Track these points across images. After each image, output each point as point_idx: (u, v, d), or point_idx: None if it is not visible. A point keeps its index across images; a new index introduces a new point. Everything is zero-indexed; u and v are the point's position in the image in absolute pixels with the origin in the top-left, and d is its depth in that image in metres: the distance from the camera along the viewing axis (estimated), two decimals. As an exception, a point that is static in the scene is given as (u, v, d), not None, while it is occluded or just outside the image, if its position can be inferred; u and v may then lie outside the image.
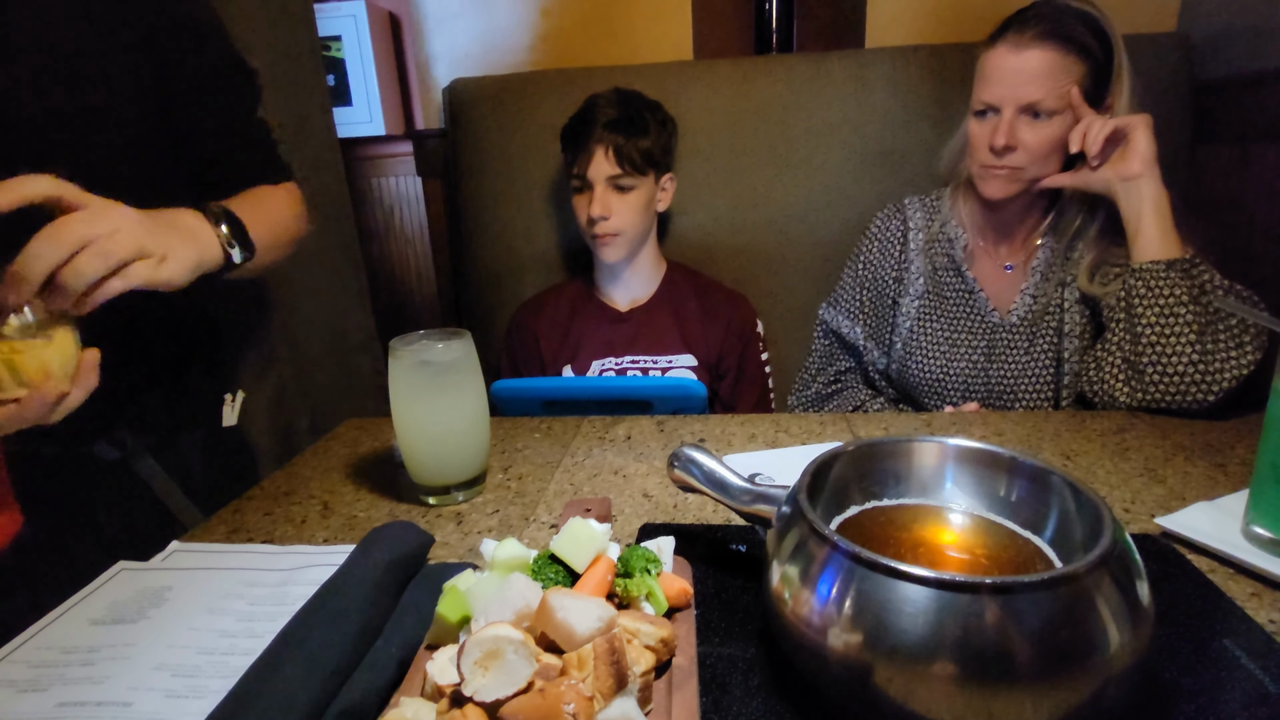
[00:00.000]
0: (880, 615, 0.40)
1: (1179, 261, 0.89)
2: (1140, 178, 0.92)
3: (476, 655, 0.39)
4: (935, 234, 1.14)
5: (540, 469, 0.82)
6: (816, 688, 0.45)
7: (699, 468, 0.59)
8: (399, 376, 0.72)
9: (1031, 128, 0.97)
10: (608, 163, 1.17)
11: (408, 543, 0.61)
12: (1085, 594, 0.38)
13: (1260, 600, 0.55)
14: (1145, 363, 0.89)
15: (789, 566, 0.46)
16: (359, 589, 0.54)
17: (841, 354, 1.23)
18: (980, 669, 0.38)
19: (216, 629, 0.57)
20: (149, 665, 0.53)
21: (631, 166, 1.17)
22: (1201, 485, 0.72)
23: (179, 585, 0.63)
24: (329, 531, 0.72)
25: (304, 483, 0.83)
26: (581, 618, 0.42)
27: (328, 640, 0.49)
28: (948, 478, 0.54)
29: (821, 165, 1.32)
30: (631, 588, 0.50)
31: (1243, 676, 0.46)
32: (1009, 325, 1.08)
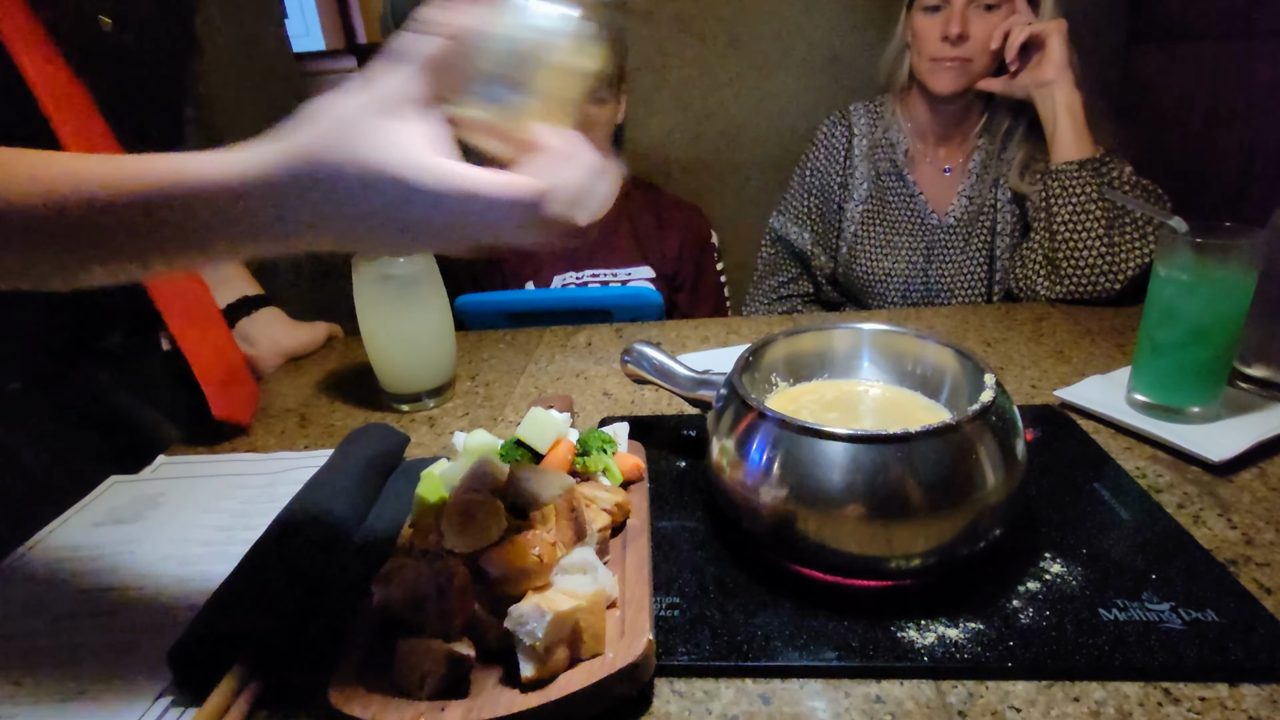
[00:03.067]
0: (802, 471, 0.47)
1: (1090, 161, 0.95)
2: (1054, 83, 0.97)
3: (454, 516, 0.45)
4: (878, 139, 1.18)
5: (506, 375, 0.88)
6: (751, 538, 0.52)
7: (649, 361, 0.65)
8: (364, 290, 0.75)
9: (981, 18, 1.01)
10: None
11: (385, 441, 0.67)
12: (967, 441, 0.46)
13: (1132, 452, 0.64)
14: (1060, 257, 0.97)
15: (726, 440, 0.52)
16: (345, 479, 0.60)
17: (789, 262, 1.29)
18: (883, 508, 0.45)
19: (212, 525, 0.63)
20: (155, 556, 0.59)
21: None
22: (1100, 363, 0.80)
23: (171, 491, 0.68)
24: (309, 439, 0.77)
25: (279, 397, 0.87)
26: (544, 486, 0.49)
27: (322, 521, 0.55)
28: (864, 358, 0.61)
29: (772, 74, 1.33)
30: (589, 464, 0.56)
31: (1103, 508, 0.55)
32: (946, 226, 1.14)
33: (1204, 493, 0.57)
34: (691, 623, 0.47)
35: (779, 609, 0.48)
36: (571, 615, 0.41)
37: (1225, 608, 0.45)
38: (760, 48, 1.33)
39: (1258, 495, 0.56)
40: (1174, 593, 0.47)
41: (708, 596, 0.49)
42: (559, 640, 0.41)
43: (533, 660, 0.41)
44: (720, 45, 1.33)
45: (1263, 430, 0.61)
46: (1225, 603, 0.46)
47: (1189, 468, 0.61)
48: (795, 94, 1.34)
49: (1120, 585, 0.48)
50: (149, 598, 0.54)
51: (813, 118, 1.28)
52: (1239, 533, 0.53)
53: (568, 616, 0.41)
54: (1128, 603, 0.46)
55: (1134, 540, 0.52)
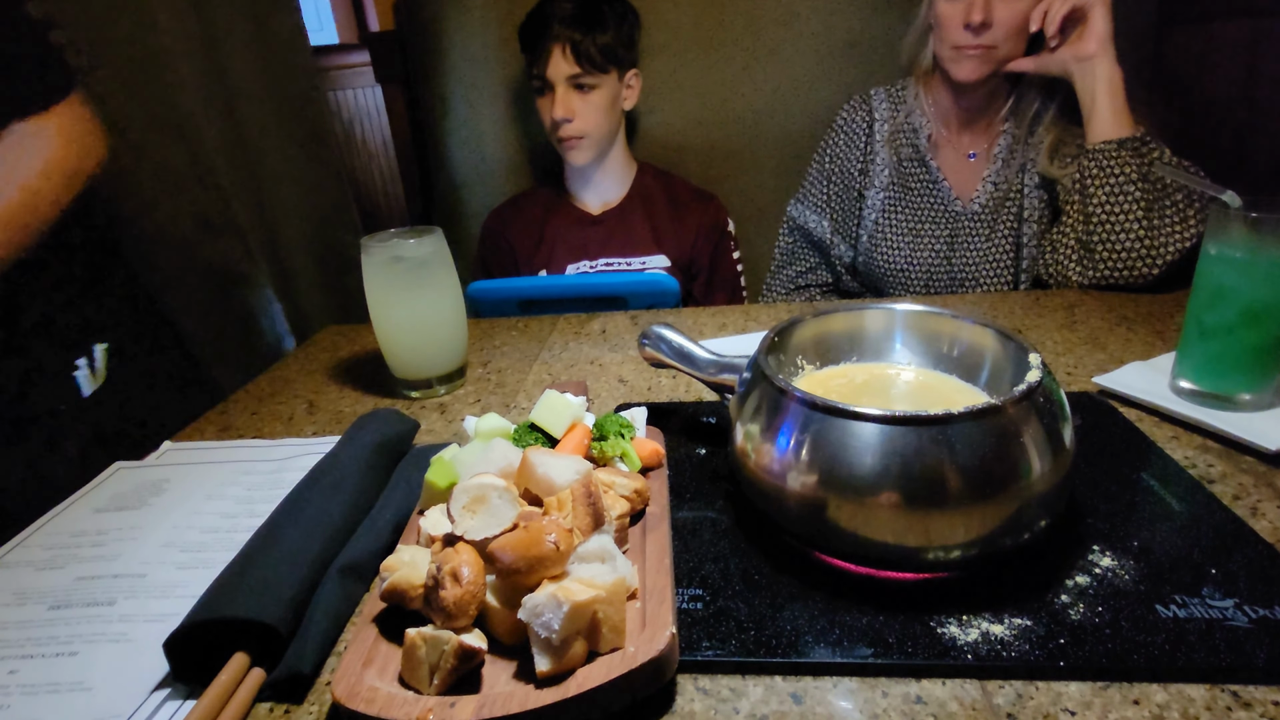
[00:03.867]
0: (833, 454, 0.44)
1: (1130, 140, 0.91)
2: (1095, 57, 0.93)
3: (464, 500, 0.43)
4: (900, 124, 1.14)
5: (519, 363, 0.85)
6: (777, 527, 0.49)
7: (668, 344, 0.62)
8: (373, 273, 0.73)
9: (1005, 3, 0.97)
10: (566, 61, 1.14)
11: (394, 426, 0.64)
12: (1010, 425, 0.43)
13: (1179, 441, 0.60)
14: (1095, 241, 0.93)
15: (751, 425, 0.49)
16: (351, 464, 0.57)
17: (808, 251, 1.25)
18: (920, 495, 0.42)
19: (217, 511, 0.61)
20: (157, 543, 0.57)
21: (591, 64, 1.14)
22: (1139, 350, 0.77)
23: (176, 478, 0.66)
24: (316, 426, 0.74)
25: (287, 384, 0.85)
26: (560, 471, 0.46)
27: (326, 508, 0.52)
28: (897, 340, 0.58)
29: (789, 58, 1.30)
30: (607, 449, 0.53)
31: (1152, 499, 0.52)
32: (971, 213, 1.10)
33: (1261, 483, 0.54)
34: (716, 616, 0.44)
35: (809, 602, 0.45)
36: (589, 606, 0.38)
37: (1294, 604, 0.42)
38: (777, 32, 1.30)
39: (1319, 486, 0.53)
40: (1237, 588, 0.43)
41: (732, 588, 0.47)
42: (576, 633, 0.38)
43: (548, 654, 0.38)
44: (737, 30, 1.30)
45: (1321, 418, 0.58)
46: (1294, 599, 0.42)
47: (1242, 458, 0.57)
48: (813, 79, 1.31)
49: (1177, 580, 0.44)
50: (150, 586, 0.52)
51: (831, 103, 1.25)
52: (1301, 525, 0.49)
53: (585, 607, 0.38)
54: (1187, 599, 0.43)
55: (1189, 533, 0.49)
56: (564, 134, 1.17)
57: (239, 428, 0.76)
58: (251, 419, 0.77)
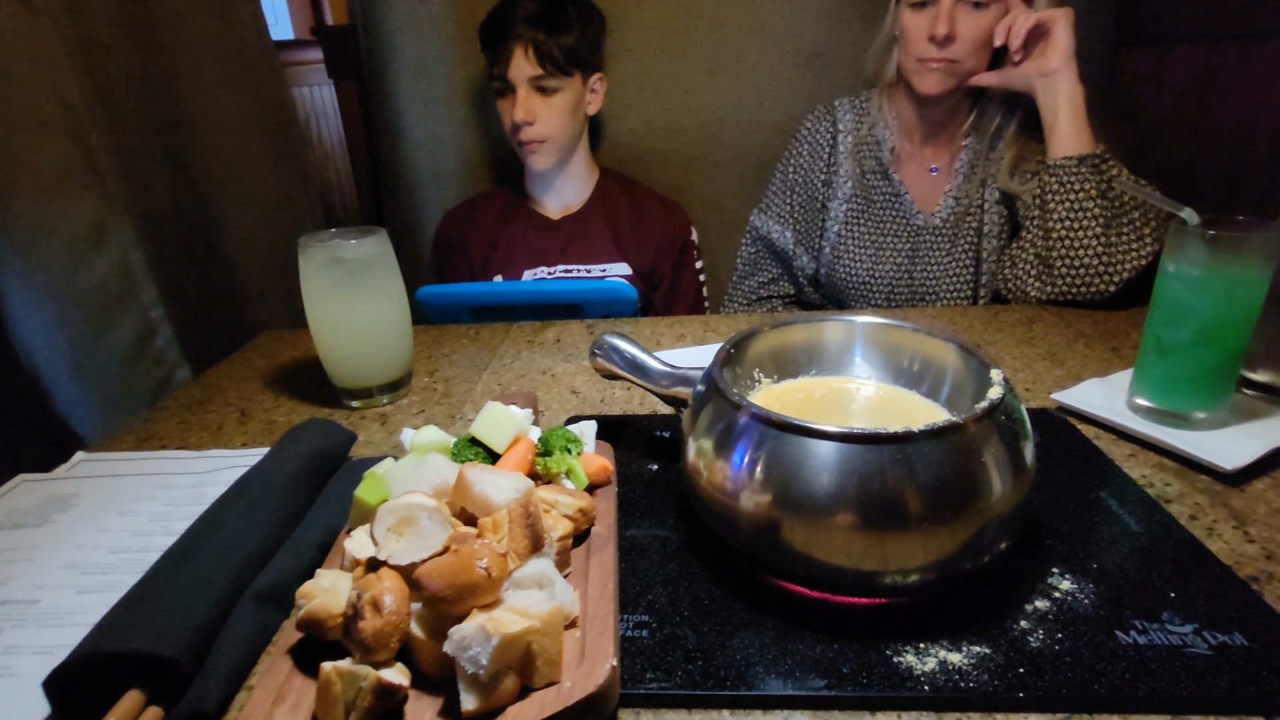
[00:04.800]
0: (788, 473, 0.42)
1: (1090, 157, 0.92)
2: (1058, 73, 0.93)
3: (390, 521, 0.39)
4: (864, 136, 1.14)
5: (467, 372, 0.81)
6: (729, 548, 0.47)
7: (620, 354, 0.60)
8: (311, 275, 0.69)
9: (970, 17, 0.97)
10: (528, 63, 1.10)
11: (328, 439, 0.60)
12: (972, 443, 0.41)
13: (1136, 459, 0.59)
14: (1055, 256, 0.93)
15: (704, 440, 0.47)
16: (276, 480, 0.53)
17: (770, 261, 1.24)
18: (878, 516, 0.40)
19: (129, 529, 0.56)
20: (57, 565, 0.52)
21: (554, 66, 1.11)
22: (1096, 366, 0.76)
23: (86, 492, 0.61)
24: (247, 436, 0.70)
25: (220, 392, 0.80)
26: (498, 490, 0.43)
27: (243, 527, 0.48)
28: (856, 353, 0.56)
29: (754, 67, 1.29)
30: (551, 465, 0.50)
31: (1112, 519, 0.51)
32: (932, 227, 1.10)
33: (1216, 503, 0.53)
34: (662, 645, 0.42)
35: (761, 630, 0.42)
36: (522, 638, 0.35)
37: (1254, 630, 0.41)
38: (743, 40, 1.29)
39: (1274, 506, 0.52)
40: (1196, 613, 0.42)
41: (681, 614, 0.44)
42: (507, 667, 0.35)
43: (475, 691, 0.35)
44: (702, 36, 1.29)
45: (1274, 438, 0.58)
46: (1253, 624, 0.41)
47: (1198, 476, 0.56)
48: (778, 88, 1.30)
49: (1137, 605, 0.43)
50: (42, 613, 0.47)
51: (796, 113, 1.24)
52: (1258, 547, 0.48)
53: (517, 640, 0.35)
54: (1147, 624, 0.41)
55: (1148, 555, 0.47)
56: (524, 137, 1.14)
57: (162, 437, 0.70)
58: (178, 428, 0.72)
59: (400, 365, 0.74)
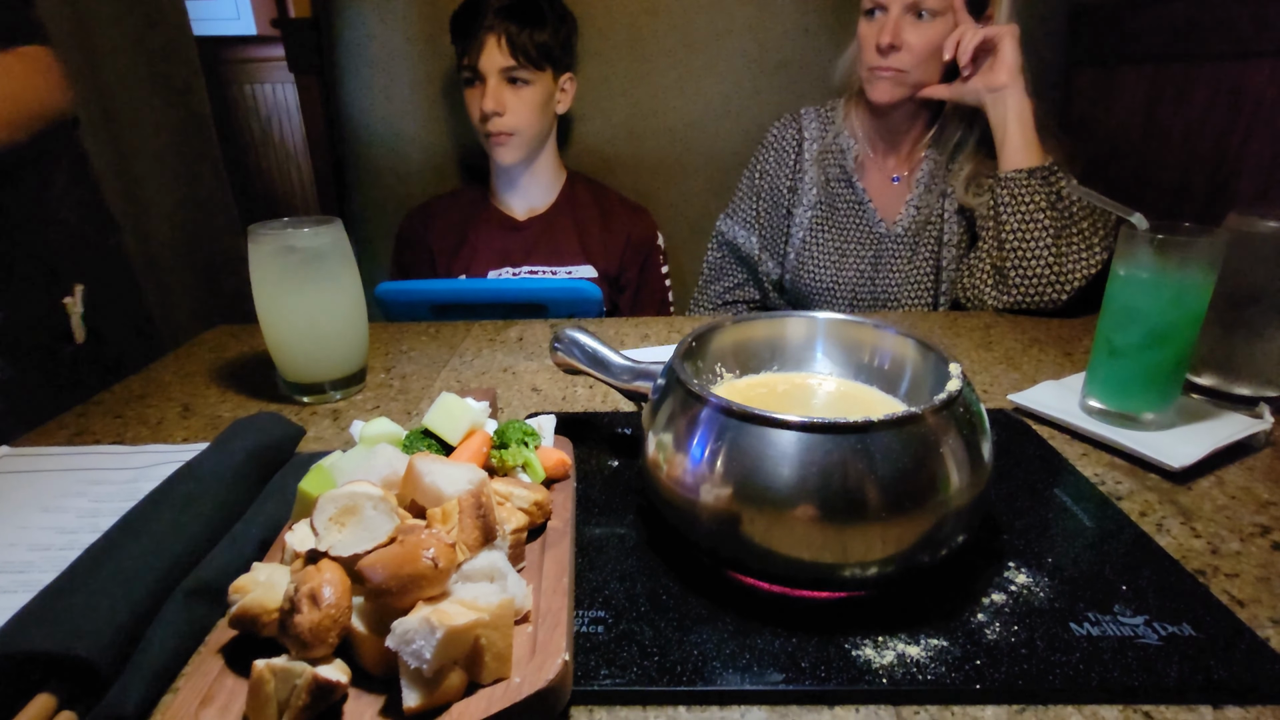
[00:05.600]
0: (749, 465, 0.41)
1: (1039, 169, 0.94)
2: (1006, 88, 0.96)
3: (331, 511, 0.38)
4: (829, 144, 1.15)
5: (426, 369, 0.79)
6: (689, 543, 0.46)
7: (581, 348, 0.58)
8: (261, 263, 0.66)
9: (916, 28, 0.99)
10: (500, 53, 1.10)
11: (273, 433, 0.58)
12: (930, 434, 0.41)
13: (1089, 459, 0.60)
14: (1009, 266, 0.95)
15: (664, 434, 0.46)
16: (215, 474, 0.50)
17: (736, 266, 1.24)
18: (838, 508, 0.40)
19: (53, 526, 0.52)
20: (-29, 563, 0.48)
21: (526, 58, 1.11)
22: (1050, 370, 0.78)
23: (8, 487, 0.57)
24: (189, 431, 0.67)
25: (162, 387, 0.76)
26: (450, 481, 0.41)
27: (176, 521, 0.45)
28: (818, 349, 0.56)
29: (722, 73, 1.30)
30: (507, 458, 0.49)
31: (1066, 515, 0.51)
32: (894, 235, 1.12)
33: (1164, 500, 0.54)
34: (617, 640, 0.40)
35: (719, 625, 0.42)
36: (469, 631, 0.34)
37: (1201, 621, 0.41)
38: (711, 47, 1.30)
39: (1218, 503, 0.54)
40: (1147, 605, 0.43)
41: (638, 610, 0.43)
42: (452, 661, 0.34)
43: (419, 686, 0.33)
44: (671, 43, 1.29)
45: (1218, 438, 0.59)
46: (1201, 616, 0.42)
47: (1147, 475, 0.58)
48: (745, 95, 1.31)
49: (1090, 597, 0.43)
50: (-49, 613, 0.44)
51: (762, 120, 1.25)
52: (1204, 541, 0.49)
53: (464, 633, 0.33)
54: (1100, 616, 0.42)
55: (1100, 549, 0.48)
56: (493, 128, 1.13)
57: (96, 432, 0.67)
58: (113, 423, 0.69)
59: (354, 360, 0.72)
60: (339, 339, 0.70)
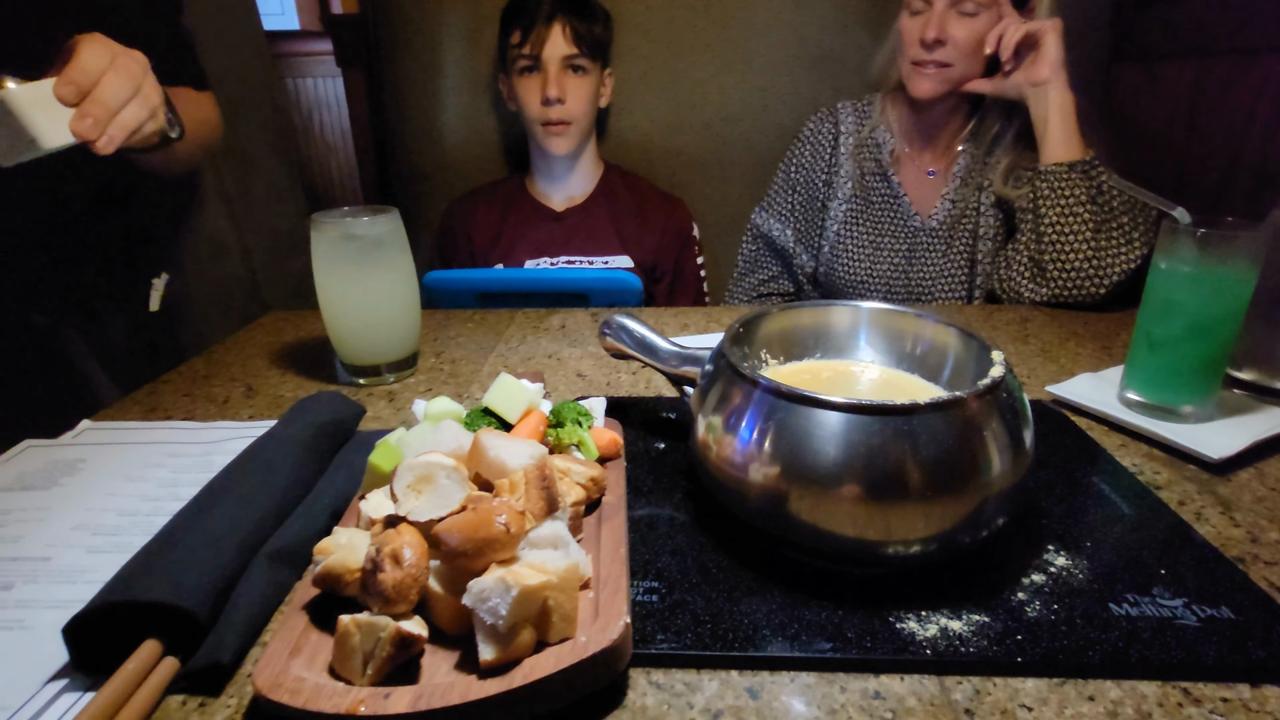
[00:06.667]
0: (797, 444, 0.43)
1: (1080, 163, 0.94)
2: (1048, 82, 0.96)
3: (409, 479, 0.40)
4: (864, 139, 1.16)
5: (474, 354, 0.82)
6: (737, 520, 0.48)
7: (629, 334, 0.61)
8: (323, 251, 0.70)
9: (960, 22, 0.99)
10: (565, 41, 1.13)
11: (337, 411, 0.61)
12: (973, 419, 0.42)
13: (1127, 449, 0.61)
14: (1047, 260, 0.96)
15: (714, 416, 0.48)
16: (287, 447, 0.54)
17: (770, 259, 1.26)
18: (881, 487, 0.42)
19: (138, 494, 0.56)
20: (66, 526, 0.52)
21: (588, 48, 1.15)
22: (1088, 363, 0.78)
23: (93, 458, 0.61)
24: (254, 409, 0.70)
25: (225, 367, 0.80)
26: (513, 455, 0.44)
27: (257, 489, 0.49)
28: (861, 337, 0.57)
29: (759, 67, 1.31)
30: (563, 436, 0.51)
31: (1104, 502, 0.53)
32: (929, 229, 1.12)
33: (1203, 490, 0.55)
34: (672, 608, 0.43)
35: (768, 596, 0.44)
36: (540, 592, 0.36)
37: (1240, 605, 0.42)
38: (748, 41, 1.31)
39: (1258, 494, 0.54)
40: (1186, 589, 0.44)
41: (689, 581, 0.45)
42: (524, 620, 0.36)
43: (494, 642, 0.36)
44: (708, 37, 1.31)
45: (1258, 431, 0.60)
46: (1239, 600, 0.43)
47: (1186, 466, 0.58)
48: (781, 90, 1.32)
49: (1129, 580, 0.45)
50: (54, 570, 0.48)
51: (798, 114, 1.26)
52: (1243, 530, 0.50)
53: (535, 593, 0.36)
54: (1138, 598, 0.43)
55: (1139, 535, 0.49)
56: (554, 116, 1.15)
57: (168, 409, 0.71)
58: (183, 400, 0.72)
59: (408, 344, 0.75)
60: (394, 324, 0.73)
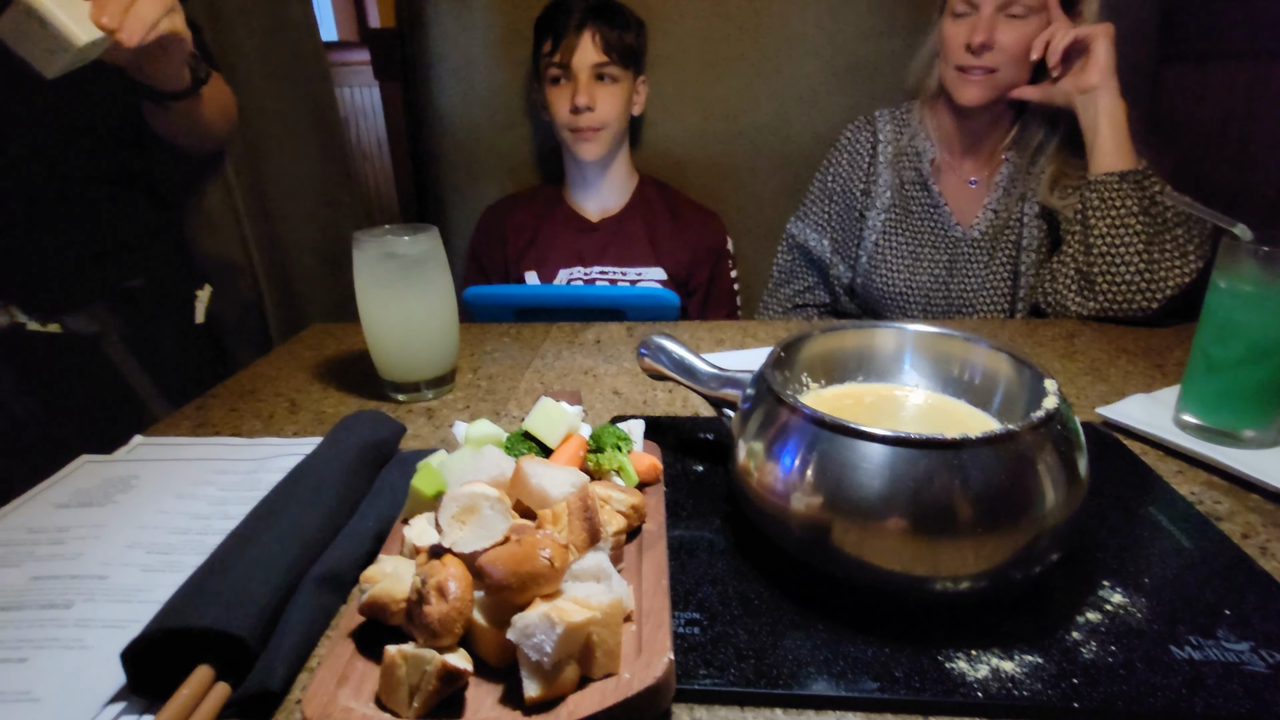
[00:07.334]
0: (840, 475, 0.42)
1: (1132, 173, 0.91)
2: (1098, 89, 0.93)
3: (454, 510, 0.41)
4: (904, 147, 1.14)
5: (510, 369, 0.83)
6: (778, 549, 0.47)
7: (668, 355, 0.61)
8: (365, 269, 0.71)
9: (1009, 26, 0.97)
10: (594, 50, 1.13)
11: (380, 430, 0.62)
12: (1027, 452, 0.41)
13: (1184, 476, 0.59)
14: (1096, 272, 0.93)
15: (755, 442, 0.47)
16: (333, 468, 0.54)
17: (806, 270, 1.24)
18: (929, 522, 0.41)
19: (188, 512, 0.57)
20: (122, 543, 0.53)
21: (618, 55, 1.15)
22: (1140, 382, 0.76)
23: (146, 474, 0.63)
24: (298, 426, 0.72)
25: (269, 381, 0.82)
26: (555, 483, 0.44)
27: (304, 513, 0.49)
28: (906, 361, 0.56)
29: (794, 76, 1.30)
30: (603, 462, 0.51)
31: (1162, 534, 0.51)
32: (970, 239, 1.10)
33: (1269, 522, 0.53)
34: (714, 642, 0.42)
35: (811, 630, 0.43)
36: (584, 628, 0.36)
37: (1312, 650, 0.40)
38: (783, 50, 1.29)
39: (1328, 528, 0.52)
40: (1252, 631, 0.42)
41: (731, 613, 0.44)
42: (569, 656, 0.36)
43: (539, 678, 0.36)
44: (743, 46, 1.30)
45: (1327, 459, 0.57)
46: (1311, 645, 0.41)
47: (1249, 495, 0.56)
48: (817, 98, 1.31)
49: (1191, 620, 0.43)
50: (111, 589, 0.49)
51: (834, 123, 1.24)
52: (1312, 568, 0.48)
53: (580, 629, 0.36)
54: (1202, 640, 0.41)
55: (1199, 571, 0.47)
56: (583, 123, 1.16)
57: (215, 424, 0.72)
58: (229, 415, 0.74)
59: (447, 361, 0.76)
60: (434, 341, 0.74)
